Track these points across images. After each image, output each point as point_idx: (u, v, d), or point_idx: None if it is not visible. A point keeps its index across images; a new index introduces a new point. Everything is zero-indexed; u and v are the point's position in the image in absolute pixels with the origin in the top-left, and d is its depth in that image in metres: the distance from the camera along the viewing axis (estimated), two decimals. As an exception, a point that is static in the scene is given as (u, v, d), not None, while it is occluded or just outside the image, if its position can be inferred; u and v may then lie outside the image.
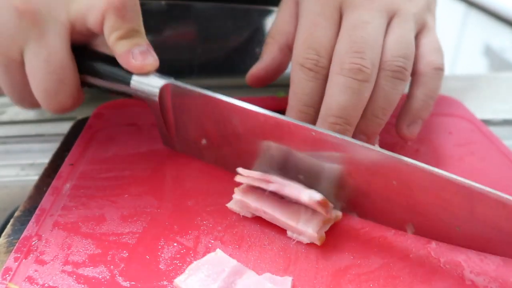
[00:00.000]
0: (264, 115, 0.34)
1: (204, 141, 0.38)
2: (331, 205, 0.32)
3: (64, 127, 0.47)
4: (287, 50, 0.41)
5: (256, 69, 0.43)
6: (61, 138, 0.45)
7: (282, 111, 0.36)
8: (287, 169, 0.35)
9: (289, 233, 0.32)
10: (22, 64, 0.36)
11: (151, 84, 0.37)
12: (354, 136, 0.36)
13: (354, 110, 0.35)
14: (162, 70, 0.40)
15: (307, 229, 0.31)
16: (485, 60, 1.38)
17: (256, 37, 0.73)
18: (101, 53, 0.39)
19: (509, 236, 0.29)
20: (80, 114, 0.48)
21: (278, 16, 0.43)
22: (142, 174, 0.38)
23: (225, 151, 0.38)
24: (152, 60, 0.36)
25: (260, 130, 0.35)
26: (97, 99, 0.54)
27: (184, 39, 0.38)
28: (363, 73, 0.35)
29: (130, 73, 0.37)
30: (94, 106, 0.48)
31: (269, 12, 0.72)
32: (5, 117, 0.52)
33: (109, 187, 0.37)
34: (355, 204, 0.34)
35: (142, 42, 0.36)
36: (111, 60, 0.37)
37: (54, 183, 0.37)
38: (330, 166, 0.33)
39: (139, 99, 0.38)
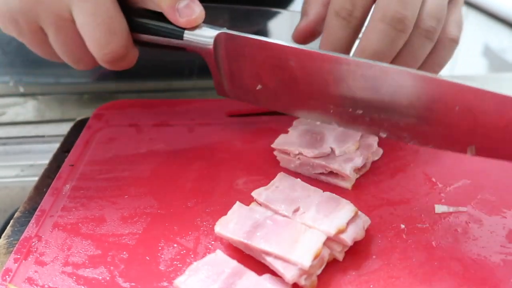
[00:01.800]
0: (322, 54, 0.35)
1: (259, 86, 0.39)
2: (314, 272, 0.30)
3: (64, 128, 0.47)
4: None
5: (304, 24, 0.43)
6: (61, 139, 0.45)
7: None
8: (345, 105, 0.36)
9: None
10: (72, 21, 0.37)
11: (204, 35, 0.38)
12: None
13: (384, 58, 0.36)
14: (161, 71, 0.40)
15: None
16: (484, 60, 1.38)
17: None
18: (149, 10, 0.39)
19: None
20: (80, 114, 0.48)
21: None
22: (142, 175, 0.39)
23: (281, 94, 0.39)
24: (199, 11, 0.37)
25: (318, 70, 0.35)
26: (97, 99, 0.54)
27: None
28: (403, 23, 0.36)
29: (182, 28, 0.38)
30: (94, 107, 0.48)
31: (270, 13, 0.72)
32: (5, 118, 0.52)
33: (109, 188, 0.37)
34: (416, 133, 0.34)
35: None
36: (160, 16, 0.38)
37: (54, 184, 0.37)
38: (391, 98, 0.34)
39: (193, 51, 0.39)
